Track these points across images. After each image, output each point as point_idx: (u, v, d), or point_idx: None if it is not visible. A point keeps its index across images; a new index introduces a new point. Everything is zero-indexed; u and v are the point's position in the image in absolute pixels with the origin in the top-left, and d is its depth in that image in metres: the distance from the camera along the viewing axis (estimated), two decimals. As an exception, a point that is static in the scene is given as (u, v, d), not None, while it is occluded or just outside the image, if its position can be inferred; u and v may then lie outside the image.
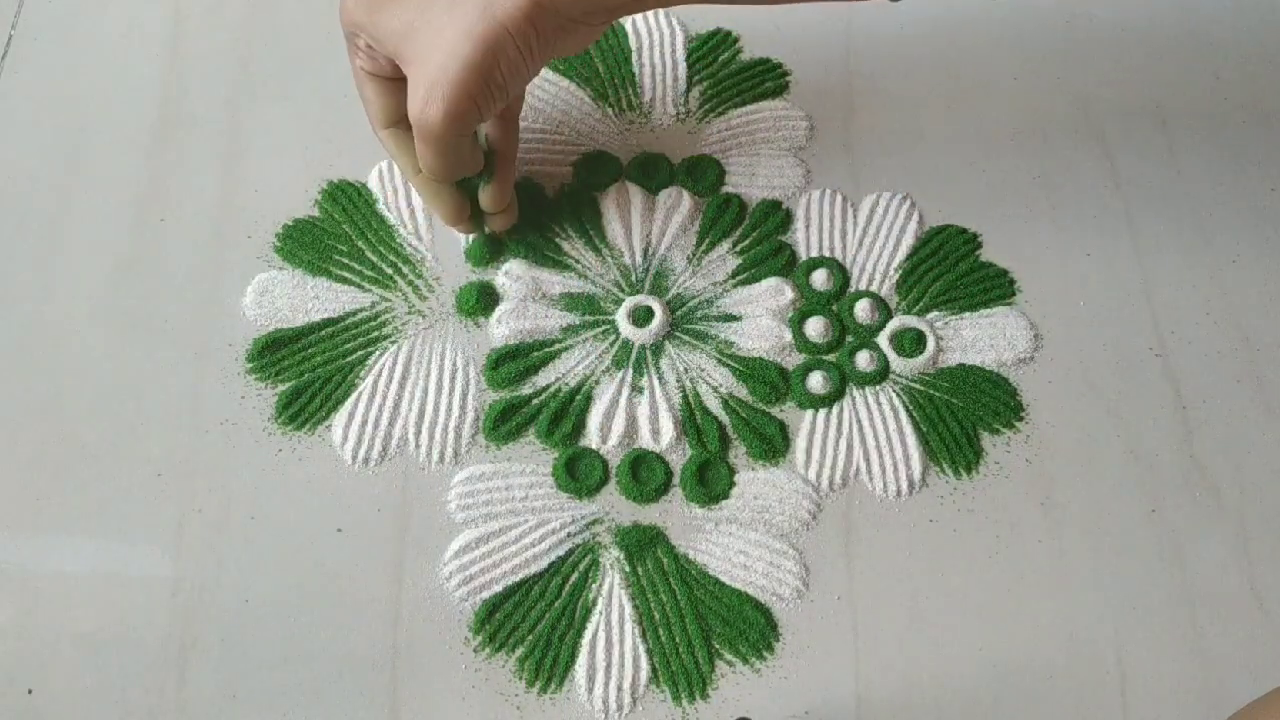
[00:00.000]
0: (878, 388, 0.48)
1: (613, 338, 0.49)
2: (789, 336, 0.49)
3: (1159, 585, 0.45)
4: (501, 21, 0.39)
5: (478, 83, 0.40)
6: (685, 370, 0.48)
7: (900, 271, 0.51)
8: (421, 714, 0.42)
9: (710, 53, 0.56)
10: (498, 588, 0.44)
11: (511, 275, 0.50)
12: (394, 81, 0.44)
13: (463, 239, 0.50)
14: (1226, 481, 0.47)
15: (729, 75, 0.56)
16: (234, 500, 0.45)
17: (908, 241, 0.52)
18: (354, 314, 0.49)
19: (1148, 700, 0.43)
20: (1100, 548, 0.46)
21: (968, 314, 0.50)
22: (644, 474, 0.46)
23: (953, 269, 0.51)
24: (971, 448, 0.47)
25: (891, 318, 0.50)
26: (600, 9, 0.41)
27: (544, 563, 0.44)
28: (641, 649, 0.43)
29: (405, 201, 0.51)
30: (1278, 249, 0.53)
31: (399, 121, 0.45)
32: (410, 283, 0.50)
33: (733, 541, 0.45)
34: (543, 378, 0.48)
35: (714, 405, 0.48)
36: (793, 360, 0.49)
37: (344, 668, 0.42)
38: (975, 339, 0.50)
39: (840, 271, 0.51)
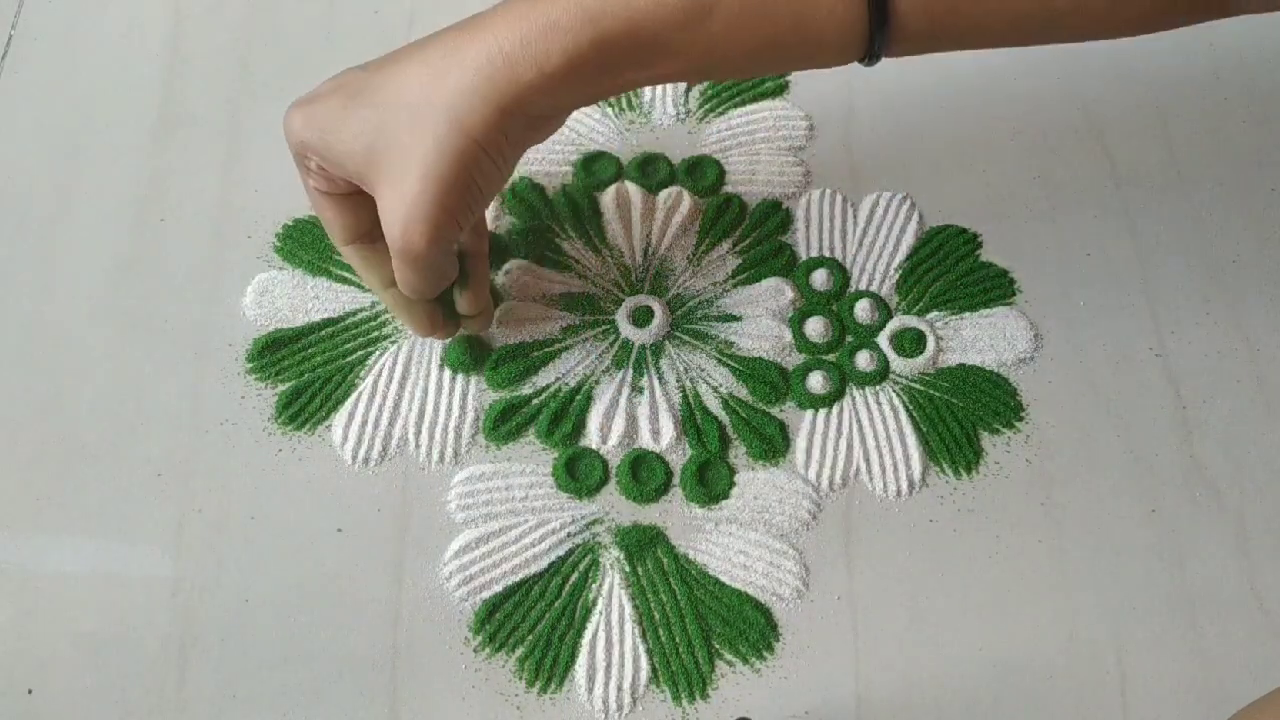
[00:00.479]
0: (878, 388, 0.48)
1: (613, 338, 0.49)
2: (789, 336, 0.49)
3: (1159, 585, 0.45)
4: (471, 135, 0.36)
5: (457, 201, 0.38)
6: (685, 370, 0.48)
7: (900, 271, 0.51)
8: (421, 714, 0.42)
9: (710, 53, 0.56)
10: (498, 588, 0.44)
11: (511, 275, 0.50)
12: (351, 197, 0.42)
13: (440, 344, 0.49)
14: (1226, 481, 0.47)
15: (729, 75, 0.56)
16: (234, 500, 0.45)
17: (908, 241, 0.52)
18: (354, 314, 0.49)
19: (1148, 700, 0.43)
20: (1100, 548, 0.46)
21: (968, 314, 0.50)
22: (644, 474, 0.46)
23: (953, 269, 0.51)
24: (971, 448, 0.47)
25: (891, 318, 0.50)
26: (567, 105, 0.39)
27: (544, 563, 0.44)
28: (641, 649, 0.43)
29: (405, 201, 0.51)
30: (1278, 249, 0.53)
31: (361, 237, 0.43)
32: (410, 283, 0.50)
33: (733, 541, 0.45)
34: (543, 378, 0.48)
35: (714, 405, 0.48)
36: (793, 360, 0.49)
37: (344, 668, 0.42)
38: (975, 339, 0.50)
39: (840, 271, 0.51)
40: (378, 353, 0.48)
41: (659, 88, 0.55)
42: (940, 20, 0.37)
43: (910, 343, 0.49)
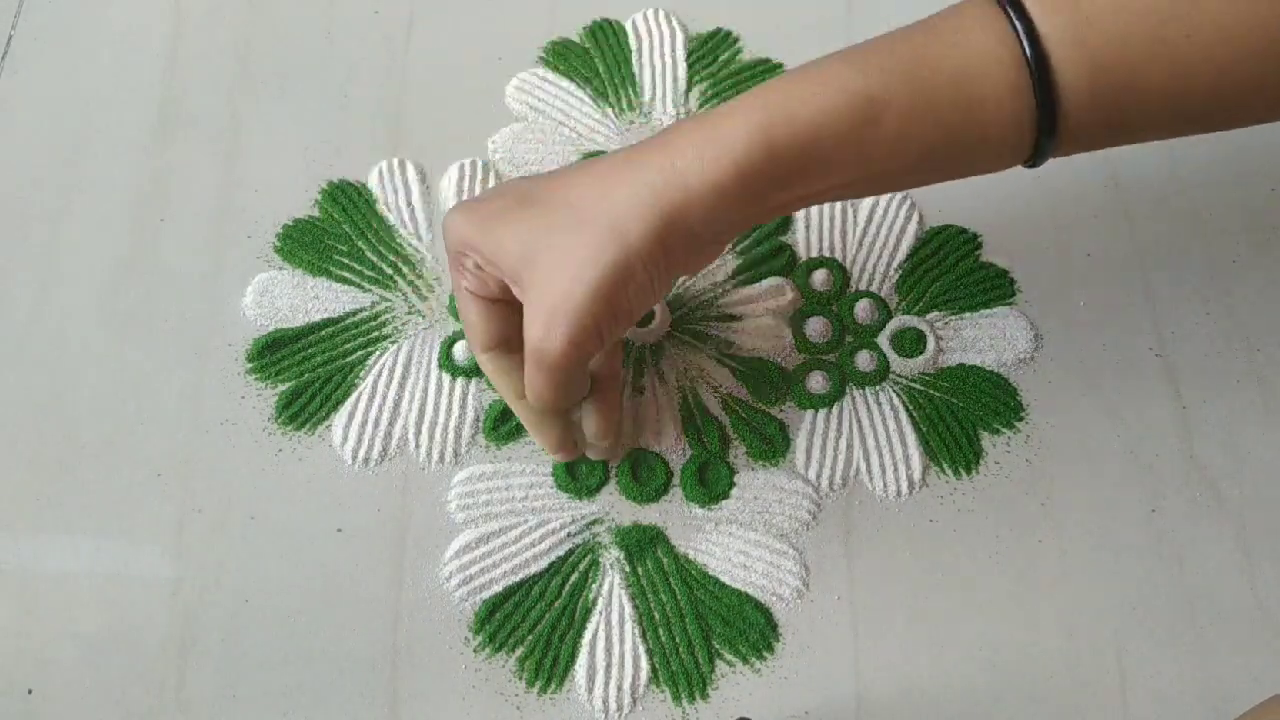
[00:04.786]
0: (878, 388, 0.48)
1: (613, 338, 0.49)
2: (789, 336, 0.49)
3: (1159, 585, 0.45)
4: (632, 245, 0.36)
5: (604, 310, 0.36)
6: (685, 370, 0.48)
7: (900, 271, 0.51)
8: (421, 714, 0.42)
9: (710, 53, 0.56)
10: (498, 588, 0.44)
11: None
12: (499, 304, 0.41)
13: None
14: (1226, 481, 0.47)
15: (729, 75, 0.56)
16: (234, 500, 0.45)
17: (908, 241, 0.52)
18: (354, 314, 0.49)
19: (1148, 700, 0.43)
20: (1100, 548, 0.46)
21: (968, 314, 0.50)
22: (644, 474, 0.46)
23: (953, 269, 0.51)
24: (971, 448, 0.47)
25: (891, 318, 0.50)
26: (730, 226, 0.38)
27: (544, 563, 0.44)
28: (641, 649, 0.43)
29: (405, 201, 0.51)
30: (1278, 249, 0.53)
31: (500, 345, 0.42)
32: (410, 283, 0.50)
33: (733, 541, 0.45)
34: (543, 378, 0.48)
35: (714, 405, 0.48)
36: (793, 360, 0.49)
37: (344, 668, 0.42)
38: (975, 339, 0.50)
39: (840, 271, 0.51)
40: (378, 353, 0.48)
41: (659, 87, 0.55)
42: (1108, 102, 0.35)
43: (910, 343, 0.49)
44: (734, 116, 0.36)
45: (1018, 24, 0.35)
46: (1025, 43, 0.34)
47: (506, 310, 0.41)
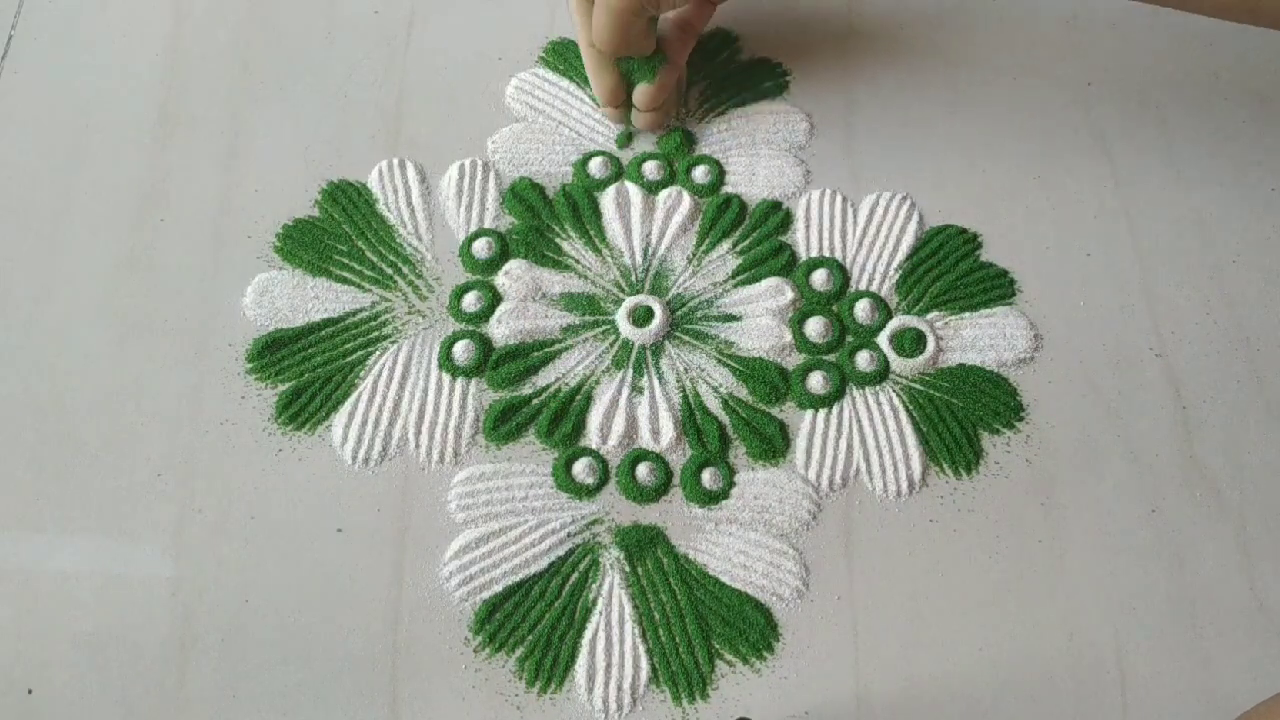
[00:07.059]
0: (878, 388, 0.48)
1: (613, 338, 0.49)
2: (789, 336, 0.49)
3: (1159, 585, 0.45)
4: None
5: None
6: (685, 370, 0.48)
7: (900, 271, 0.51)
8: (421, 714, 0.42)
9: (710, 53, 0.56)
10: (498, 588, 0.44)
11: (511, 275, 0.50)
12: None
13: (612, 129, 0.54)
14: (1226, 481, 0.47)
15: (729, 75, 0.56)
16: (234, 500, 0.45)
17: (908, 241, 0.52)
18: (354, 314, 0.49)
19: (1148, 700, 0.43)
20: (1100, 548, 0.46)
21: (968, 314, 0.50)
22: (643, 474, 0.46)
23: (953, 269, 0.51)
24: (971, 448, 0.47)
25: (891, 318, 0.50)
26: None
27: (544, 563, 0.44)
28: (641, 649, 0.43)
29: (405, 201, 0.51)
30: (1278, 249, 0.53)
31: None
32: (410, 283, 0.50)
33: (733, 541, 0.45)
34: (543, 378, 0.48)
35: (714, 405, 0.48)
36: (793, 360, 0.49)
37: (344, 668, 0.42)
38: (975, 339, 0.50)
39: (840, 271, 0.51)
40: (378, 353, 0.48)
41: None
42: None
43: (910, 343, 0.49)
44: None
45: None
46: None
47: None
